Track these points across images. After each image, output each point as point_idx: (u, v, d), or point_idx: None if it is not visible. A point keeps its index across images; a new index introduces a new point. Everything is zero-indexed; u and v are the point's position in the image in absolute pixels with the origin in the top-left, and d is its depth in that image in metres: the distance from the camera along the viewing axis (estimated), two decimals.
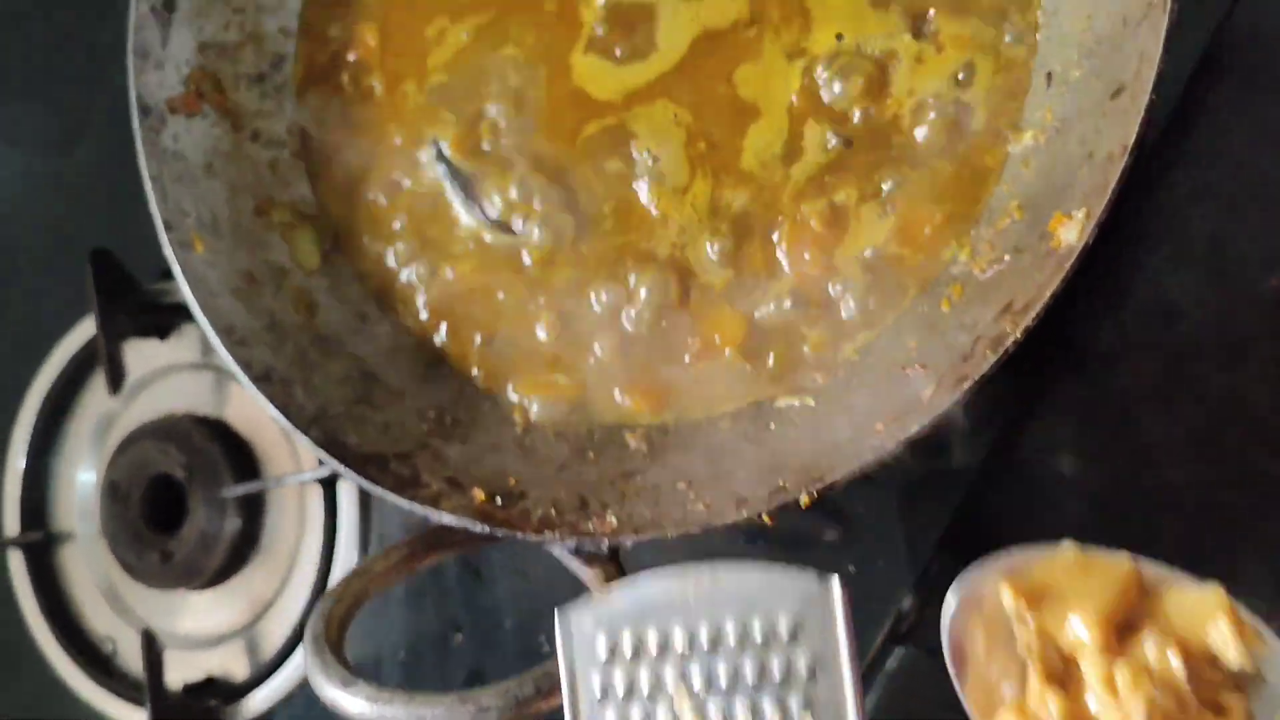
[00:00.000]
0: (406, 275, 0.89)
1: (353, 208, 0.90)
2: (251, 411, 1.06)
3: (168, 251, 0.83)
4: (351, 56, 0.91)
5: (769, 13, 0.84)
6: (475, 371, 0.86)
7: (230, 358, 0.81)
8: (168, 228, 0.84)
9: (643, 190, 0.84)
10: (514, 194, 0.86)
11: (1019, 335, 0.68)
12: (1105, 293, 0.83)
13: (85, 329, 1.15)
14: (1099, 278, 0.80)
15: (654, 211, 0.84)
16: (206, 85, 0.89)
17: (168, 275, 0.84)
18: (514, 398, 0.85)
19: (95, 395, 1.16)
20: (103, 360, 1.08)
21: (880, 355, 0.79)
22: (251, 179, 0.89)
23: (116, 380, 1.10)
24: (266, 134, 0.91)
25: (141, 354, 1.14)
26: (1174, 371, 0.83)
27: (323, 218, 0.91)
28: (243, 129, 0.90)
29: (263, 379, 0.83)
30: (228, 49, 0.91)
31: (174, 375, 1.13)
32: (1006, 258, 0.75)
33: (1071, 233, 0.69)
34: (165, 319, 1.12)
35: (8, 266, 1.21)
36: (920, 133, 0.81)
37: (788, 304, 0.82)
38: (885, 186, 0.81)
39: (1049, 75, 0.79)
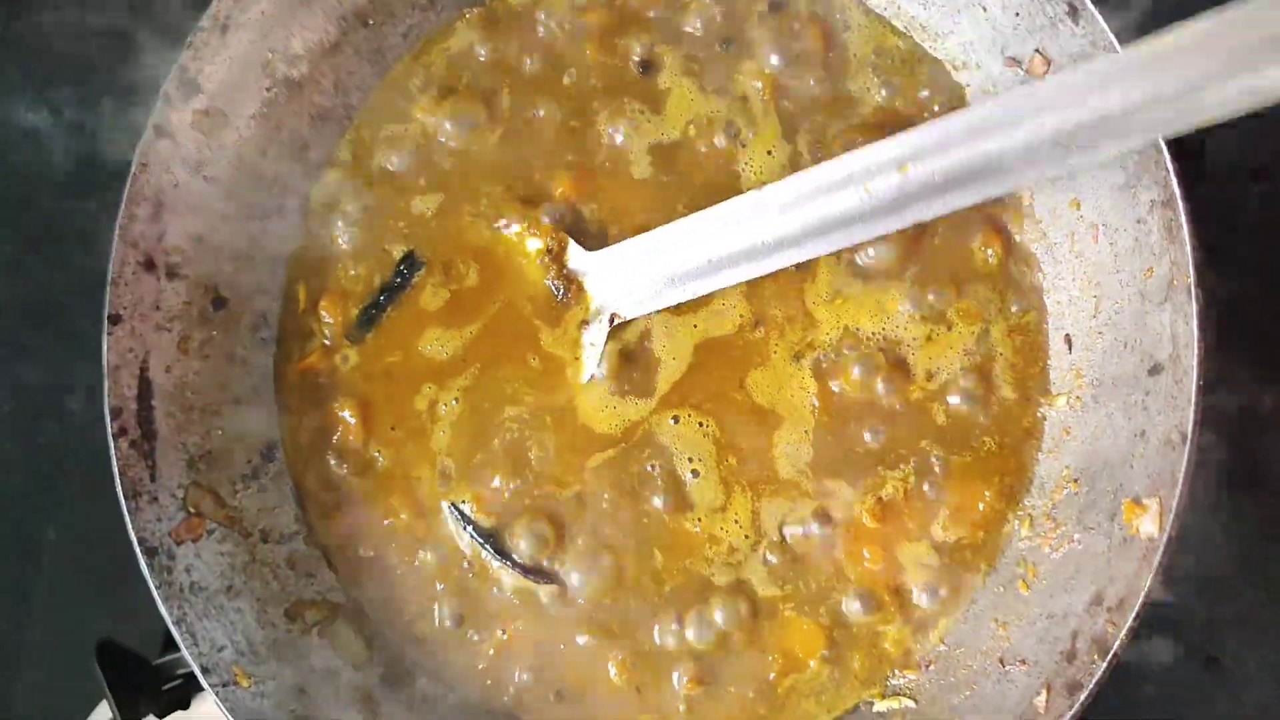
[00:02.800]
0: (460, 643, 0.86)
1: (385, 584, 0.87)
2: None
3: (213, 697, 0.79)
4: (335, 438, 0.88)
5: (772, 314, 0.83)
6: None
7: None
8: (205, 672, 0.80)
9: (682, 517, 0.83)
10: (545, 541, 0.84)
11: (1124, 637, 0.69)
12: None
13: (102, 712, 1.08)
14: None
15: (699, 534, 0.83)
16: (205, 503, 0.85)
17: (177, 646, 0.80)
18: None
19: None
20: None
21: (970, 644, 0.80)
22: (275, 584, 0.86)
23: None
24: (275, 530, 0.88)
25: None
26: None
27: (354, 602, 0.87)
28: (251, 534, 0.87)
29: None
30: (216, 456, 0.86)
31: None
32: (1077, 537, 0.76)
33: (1150, 524, 0.70)
34: (183, 690, 1.06)
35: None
36: (949, 409, 0.81)
37: (857, 605, 0.81)
38: (929, 472, 0.81)
39: (1067, 338, 0.80)
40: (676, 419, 0.83)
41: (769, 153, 0.85)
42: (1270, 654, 1.04)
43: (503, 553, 0.85)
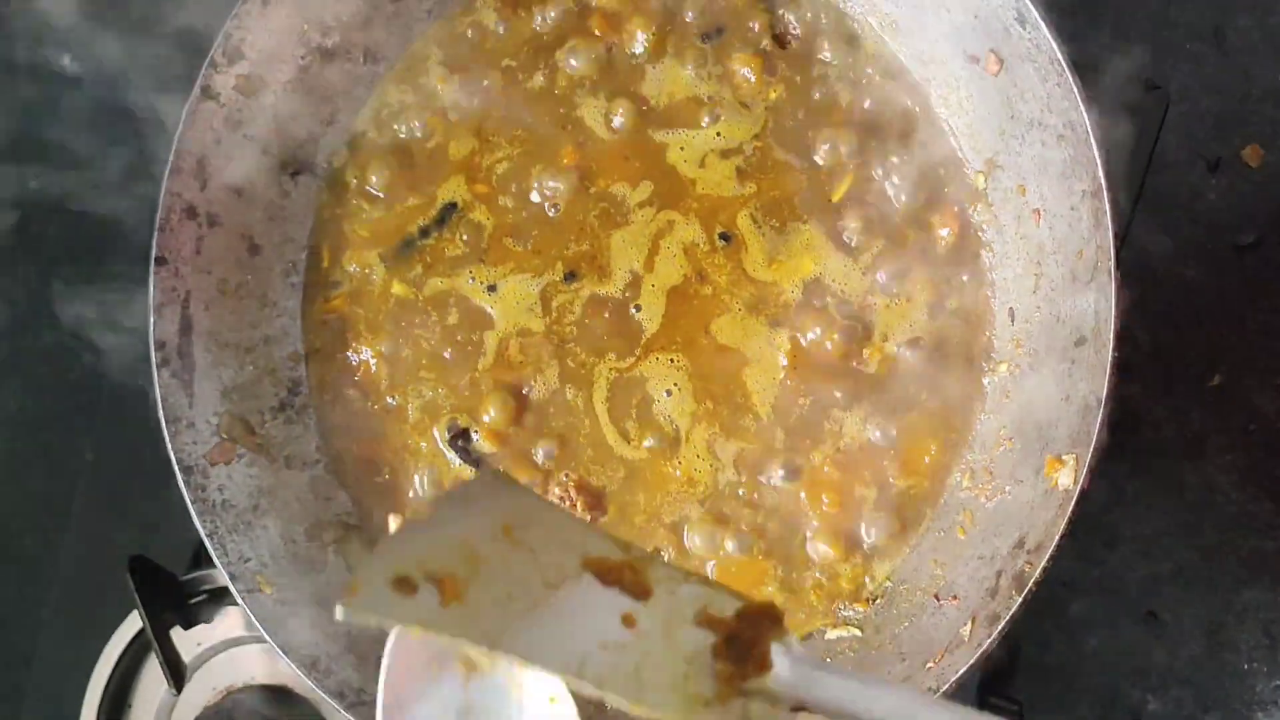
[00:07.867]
0: None
1: (395, 507, 0.97)
2: None
3: (240, 601, 0.89)
4: (356, 375, 0.97)
5: (712, 275, 0.94)
6: None
7: (322, 693, 0.87)
8: (233, 579, 0.90)
9: (661, 456, 0.93)
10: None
11: (1039, 575, 0.78)
12: None
13: (131, 623, 1.19)
14: None
15: (677, 474, 0.92)
16: (237, 430, 0.95)
17: (202, 563, 0.90)
18: None
19: (151, 687, 1.20)
20: (163, 667, 1.12)
21: (912, 582, 0.89)
22: (297, 506, 0.95)
23: (178, 679, 1.15)
24: (299, 457, 0.97)
25: (190, 640, 1.18)
26: None
27: (367, 524, 0.97)
28: (276, 460, 0.96)
29: (356, 704, 0.89)
30: (247, 388, 0.96)
31: (226, 652, 1.18)
32: (1008, 489, 0.85)
33: (1067, 477, 0.79)
34: (208, 606, 1.17)
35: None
36: (904, 370, 0.90)
37: (815, 541, 0.91)
38: (883, 426, 0.90)
39: (1011, 311, 0.89)
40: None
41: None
42: (1202, 610, 1.14)
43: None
